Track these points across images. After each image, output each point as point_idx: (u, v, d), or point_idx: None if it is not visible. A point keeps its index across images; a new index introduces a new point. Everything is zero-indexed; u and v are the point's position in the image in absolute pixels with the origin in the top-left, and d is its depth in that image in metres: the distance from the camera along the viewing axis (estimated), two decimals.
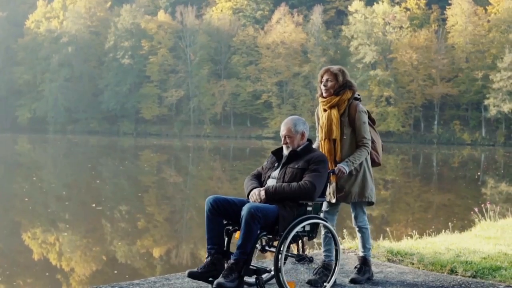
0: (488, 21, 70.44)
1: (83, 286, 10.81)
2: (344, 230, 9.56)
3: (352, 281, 6.13)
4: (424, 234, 10.51)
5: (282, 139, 5.85)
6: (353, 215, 6.24)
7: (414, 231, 10.12)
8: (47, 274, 11.74)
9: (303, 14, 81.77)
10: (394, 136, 69.63)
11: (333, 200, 6.03)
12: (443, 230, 10.63)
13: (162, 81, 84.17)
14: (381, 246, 8.17)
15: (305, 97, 75.86)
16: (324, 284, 5.83)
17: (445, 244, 8.64)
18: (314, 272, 6.06)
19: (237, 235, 5.38)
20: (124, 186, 26.80)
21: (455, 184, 29.45)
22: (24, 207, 19.22)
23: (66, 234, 15.27)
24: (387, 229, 11.16)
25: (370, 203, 6.20)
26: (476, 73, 67.23)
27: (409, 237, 9.68)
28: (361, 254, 6.34)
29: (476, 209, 12.07)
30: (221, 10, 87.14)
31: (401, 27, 73.29)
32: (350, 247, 8.16)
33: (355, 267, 6.34)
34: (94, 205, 19.62)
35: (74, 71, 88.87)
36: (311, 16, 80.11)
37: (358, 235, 6.34)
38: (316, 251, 7.69)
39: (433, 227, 13.93)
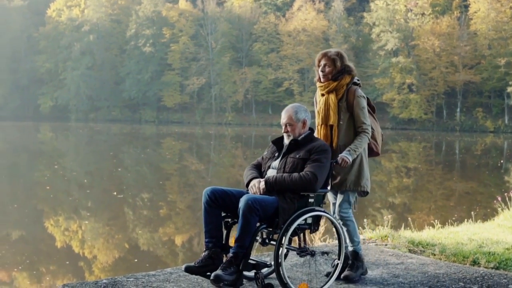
0: (511, 7, 69.60)
1: (105, 273, 10.86)
2: (365, 220, 9.50)
3: (345, 278, 5.89)
4: (446, 223, 10.42)
5: (283, 127, 5.67)
6: (337, 203, 5.98)
7: (436, 220, 10.04)
8: (68, 262, 11.82)
9: (324, 1, 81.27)
10: (417, 123, 69.32)
11: (328, 188, 5.74)
12: (466, 220, 10.54)
13: (184, 69, 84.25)
14: (402, 236, 8.08)
15: None
16: (335, 260, 5.76)
17: (467, 234, 8.57)
18: (332, 263, 5.97)
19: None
20: (146, 174, 26.88)
21: (477, 172, 29.22)
22: (46, 195, 19.37)
23: (88, 222, 15.36)
24: (409, 217, 11.11)
25: (365, 193, 5.96)
26: (498, 60, 66.50)
27: (431, 227, 9.62)
28: (350, 248, 6.07)
29: (499, 198, 11.93)
30: None
31: (423, 14, 72.60)
32: (370, 237, 8.09)
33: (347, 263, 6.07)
34: (115, 193, 19.71)
35: (95, 60, 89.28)
36: (333, 3, 79.66)
37: (344, 228, 5.97)
38: (336, 241, 7.62)
39: (455, 215, 13.85)
